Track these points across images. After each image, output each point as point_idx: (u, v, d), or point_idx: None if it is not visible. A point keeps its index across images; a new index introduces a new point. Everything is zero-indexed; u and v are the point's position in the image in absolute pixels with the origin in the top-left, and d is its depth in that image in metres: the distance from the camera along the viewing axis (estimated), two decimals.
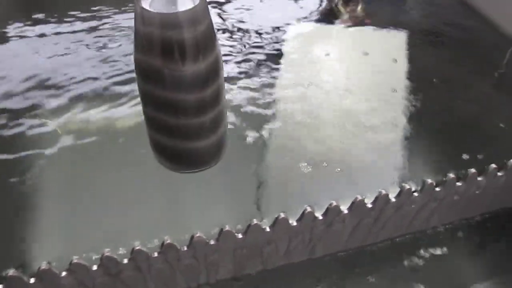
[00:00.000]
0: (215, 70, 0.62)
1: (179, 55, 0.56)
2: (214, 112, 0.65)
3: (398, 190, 0.65)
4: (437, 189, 0.66)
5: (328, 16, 1.19)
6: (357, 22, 1.17)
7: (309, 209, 0.61)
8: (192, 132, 0.66)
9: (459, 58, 1.05)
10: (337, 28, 1.16)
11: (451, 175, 0.66)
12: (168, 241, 0.57)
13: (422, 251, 0.70)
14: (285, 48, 1.08)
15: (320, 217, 0.62)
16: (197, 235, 0.58)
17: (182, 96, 0.61)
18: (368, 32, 1.15)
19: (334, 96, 0.94)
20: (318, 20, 1.17)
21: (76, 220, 0.71)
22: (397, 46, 1.09)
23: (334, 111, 0.90)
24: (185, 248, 0.59)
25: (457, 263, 0.69)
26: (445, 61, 1.04)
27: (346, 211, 0.63)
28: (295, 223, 0.61)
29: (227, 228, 0.58)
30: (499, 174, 0.69)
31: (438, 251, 0.71)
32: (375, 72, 1.01)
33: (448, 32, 1.13)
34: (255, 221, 0.59)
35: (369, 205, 0.64)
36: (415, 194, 0.65)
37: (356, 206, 0.63)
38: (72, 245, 0.67)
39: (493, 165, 0.68)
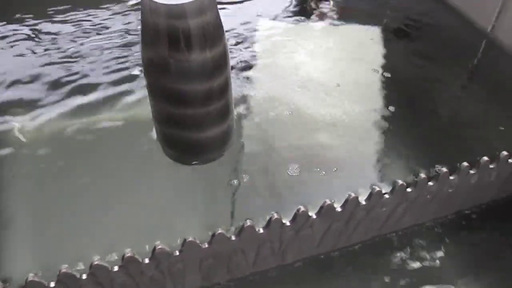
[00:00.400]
0: (222, 60, 0.62)
1: (185, 45, 0.57)
2: (221, 102, 0.65)
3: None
4: (409, 190, 0.65)
5: (300, 13, 1.17)
6: (328, 18, 1.15)
7: (276, 215, 0.58)
8: (199, 123, 0.66)
9: (429, 52, 1.03)
10: (308, 25, 1.14)
11: (423, 175, 0.64)
12: (129, 254, 0.55)
13: (396, 252, 0.69)
14: (255, 47, 1.05)
15: (288, 224, 0.60)
16: (159, 246, 0.55)
17: (189, 87, 0.61)
18: (338, 28, 1.13)
19: (290, 92, 0.92)
20: (289, 18, 1.15)
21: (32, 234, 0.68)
22: (366, 42, 1.07)
23: (293, 109, 0.88)
24: (147, 261, 0.56)
25: (432, 262, 0.68)
26: (415, 56, 1.02)
27: (314, 216, 0.61)
28: (262, 231, 0.59)
29: (190, 238, 0.56)
30: (471, 172, 0.68)
31: (411, 251, 0.69)
32: (338, 68, 0.99)
33: (420, 27, 1.12)
34: (219, 230, 0.57)
35: (339, 209, 0.62)
36: (386, 196, 0.63)
37: (325, 210, 0.61)
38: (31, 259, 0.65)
39: (465, 164, 0.66)
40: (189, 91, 0.62)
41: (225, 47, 0.62)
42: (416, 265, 0.68)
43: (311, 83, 0.94)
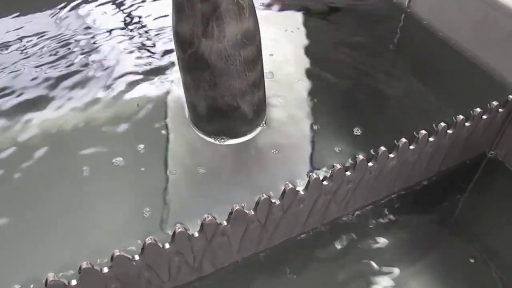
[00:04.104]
0: (254, 33, 0.63)
1: (216, 19, 0.58)
2: (253, 77, 0.67)
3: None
4: (325, 182, 0.61)
5: None
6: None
7: (180, 228, 0.54)
8: (230, 97, 0.66)
9: (349, 31, 1.00)
10: None
11: (338, 166, 0.61)
12: (52, 279, 0.49)
13: (329, 244, 0.66)
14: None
15: (197, 234, 0.56)
16: (85, 266, 0.50)
17: (220, 61, 0.61)
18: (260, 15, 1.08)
19: None
20: None
21: None
22: (289, 24, 1.03)
23: None
24: (74, 283, 0.51)
25: (366, 250, 0.66)
26: (335, 36, 0.99)
27: (225, 223, 0.57)
28: (167, 246, 0.55)
29: (85, 265, 0.51)
30: (391, 156, 0.65)
31: (344, 242, 0.67)
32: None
33: (339, 6, 1.08)
34: (117, 252, 0.52)
35: (251, 213, 0.57)
36: (301, 192, 0.60)
37: (235, 216, 0.56)
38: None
39: (383, 148, 0.63)
40: (220, 66, 0.63)
41: (255, 17, 0.64)
42: (356, 251, 0.65)
43: None
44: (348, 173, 0.62)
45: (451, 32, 0.91)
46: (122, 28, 1.03)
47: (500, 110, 0.70)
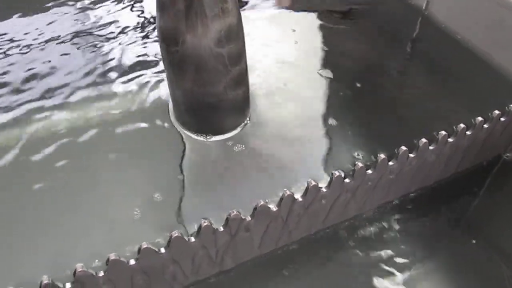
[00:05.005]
0: (238, 28, 0.63)
1: (199, 15, 0.59)
2: (236, 72, 0.67)
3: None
4: (347, 180, 0.62)
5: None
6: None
7: (206, 222, 0.55)
8: (214, 92, 0.67)
9: (366, 33, 1.01)
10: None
11: (360, 164, 0.62)
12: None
13: (345, 242, 0.67)
14: None
15: (221, 229, 0.56)
16: (80, 270, 0.51)
17: (204, 57, 0.62)
18: (272, 16, 1.09)
19: None
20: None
21: None
22: (303, 27, 1.03)
23: None
24: (102, 274, 0.52)
25: (381, 249, 0.66)
26: (351, 38, 0.99)
27: (249, 218, 0.57)
28: (193, 239, 0.55)
29: (112, 256, 0.52)
30: (411, 155, 0.65)
31: (361, 240, 0.67)
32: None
33: (355, 7, 1.09)
34: (145, 244, 0.53)
35: (274, 209, 0.58)
36: (323, 189, 0.61)
37: (260, 211, 0.57)
38: None
39: (404, 147, 0.64)
40: (204, 62, 0.64)
41: (239, 14, 0.64)
42: (367, 253, 0.66)
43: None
44: (369, 171, 0.63)
45: (469, 35, 0.92)
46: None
47: None
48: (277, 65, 0.92)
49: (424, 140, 0.65)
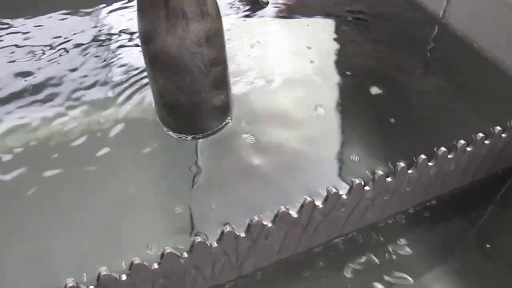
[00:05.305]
0: (217, 32, 0.65)
1: (181, 16, 0.60)
2: (216, 73, 0.68)
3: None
4: (367, 188, 0.62)
5: (251, 7, 1.13)
6: (283, 11, 1.11)
7: (228, 228, 0.55)
8: (196, 91, 0.68)
9: (382, 41, 1.01)
10: (259, 19, 1.10)
11: (380, 172, 0.62)
12: (104, 273, 0.51)
13: (362, 248, 0.67)
14: None
15: (243, 235, 0.57)
16: (104, 273, 0.51)
17: (184, 58, 0.63)
18: (288, 21, 1.09)
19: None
20: (242, 11, 1.11)
21: None
22: (317, 33, 1.04)
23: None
24: (124, 277, 0.52)
25: (398, 256, 0.67)
26: (367, 45, 1.00)
27: (270, 225, 0.58)
28: (215, 245, 0.56)
29: (137, 261, 0.52)
30: (430, 164, 0.66)
31: (378, 246, 0.68)
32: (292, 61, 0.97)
33: (371, 14, 1.09)
34: (168, 249, 0.53)
35: (295, 215, 0.59)
36: (344, 196, 0.61)
37: (281, 217, 0.58)
38: None
39: (423, 156, 0.64)
40: (188, 62, 0.65)
41: (219, 17, 0.66)
42: (380, 259, 0.66)
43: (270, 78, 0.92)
44: (388, 179, 0.63)
45: (486, 43, 0.92)
46: None
47: None
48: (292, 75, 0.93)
49: (443, 148, 0.65)
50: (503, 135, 0.70)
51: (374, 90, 0.88)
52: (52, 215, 0.68)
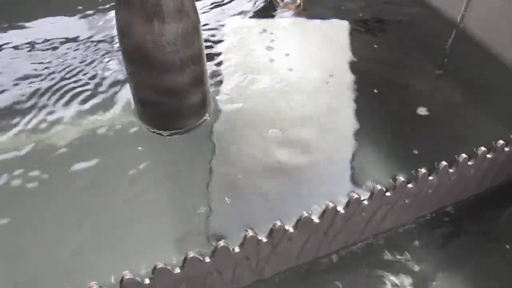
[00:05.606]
0: (194, 31, 0.66)
1: (158, 16, 0.61)
2: (193, 71, 0.69)
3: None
4: (388, 194, 0.62)
5: (266, 9, 1.13)
6: (296, 14, 1.11)
7: (250, 233, 0.55)
8: (174, 89, 0.70)
9: (400, 46, 1.01)
10: (275, 21, 1.10)
11: (401, 178, 0.62)
12: (128, 277, 0.51)
13: (380, 253, 0.67)
14: (223, 45, 1.01)
15: (265, 239, 0.57)
16: (127, 277, 0.51)
17: (161, 55, 0.65)
18: (305, 23, 1.09)
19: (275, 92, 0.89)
20: (255, 14, 1.10)
21: None
22: (334, 37, 1.03)
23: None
24: (147, 281, 0.52)
25: (415, 261, 0.66)
26: (384, 50, 0.99)
27: (292, 230, 0.58)
28: (237, 250, 0.56)
29: (160, 265, 0.52)
30: (451, 170, 0.66)
31: (396, 251, 0.67)
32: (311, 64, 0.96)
33: (388, 19, 1.09)
34: (191, 254, 0.53)
35: (317, 220, 0.59)
36: (365, 202, 0.61)
37: (303, 223, 0.58)
38: None
39: (444, 162, 0.64)
40: (164, 60, 0.66)
41: (197, 17, 0.67)
42: (400, 265, 0.66)
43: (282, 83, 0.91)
44: (409, 185, 0.63)
45: (505, 49, 0.91)
46: None
47: None
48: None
49: (464, 155, 0.65)
50: None
51: (389, 96, 0.88)
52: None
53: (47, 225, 0.67)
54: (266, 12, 1.12)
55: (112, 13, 1.02)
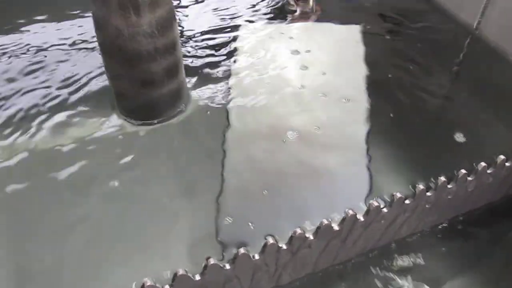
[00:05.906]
0: (167, 23, 0.68)
1: (132, 7, 0.63)
2: (168, 61, 0.72)
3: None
4: (407, 201, 0.62)
5: (279, 13, 1.13)
6: (309, 18, 1.11)
7: (271, 240, 0.55)
8: (149, 78, 0.72)
9: (416, 52, 1.00)
10: (288, 25, 1.10)
11: (421, 186, 0.61)
12: (149, 283, 0.51)
13: (396, 260, 0.67)
14: (238, 48, 1.01)
15: (285, 247, 0.56)
16: (148, 283, 0.51)
17: (136, 46, 0.67)
18: (319, 27, 1.09)
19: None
20: (270, 18, 1.10)
21: None
22: (349, 40, 1.03)
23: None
24: None
25: (429, 267, 0.66)
26: (400, 56, 0.99)
27: (311, 237, 0.57)
28: (257, 257, 0.55)
29: (181, 272, 0.52)
30: (469, 179, 0.65)
31: (411, 258, 0.67)
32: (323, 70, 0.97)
33: (404, 24, 1.09)
34: (212, 261, 0.53)
35: (336, 228, 0.58)
36: (384, 210, 0.60)
37: (323, 230, 0.57)
38: None
39: (463, 171, 0.64)
40: (135, 50, 0.68)
41: (171, 8, 0.68)
42: (416, 270, 0.66)
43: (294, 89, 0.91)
44: (428, 193, 0.63)
45: None
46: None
47: None
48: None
49: (483, 163, 0.65)
50: None
51: (404, 103, 0.87)
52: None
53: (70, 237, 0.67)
54: (279, 16, 1.12)
55: None
